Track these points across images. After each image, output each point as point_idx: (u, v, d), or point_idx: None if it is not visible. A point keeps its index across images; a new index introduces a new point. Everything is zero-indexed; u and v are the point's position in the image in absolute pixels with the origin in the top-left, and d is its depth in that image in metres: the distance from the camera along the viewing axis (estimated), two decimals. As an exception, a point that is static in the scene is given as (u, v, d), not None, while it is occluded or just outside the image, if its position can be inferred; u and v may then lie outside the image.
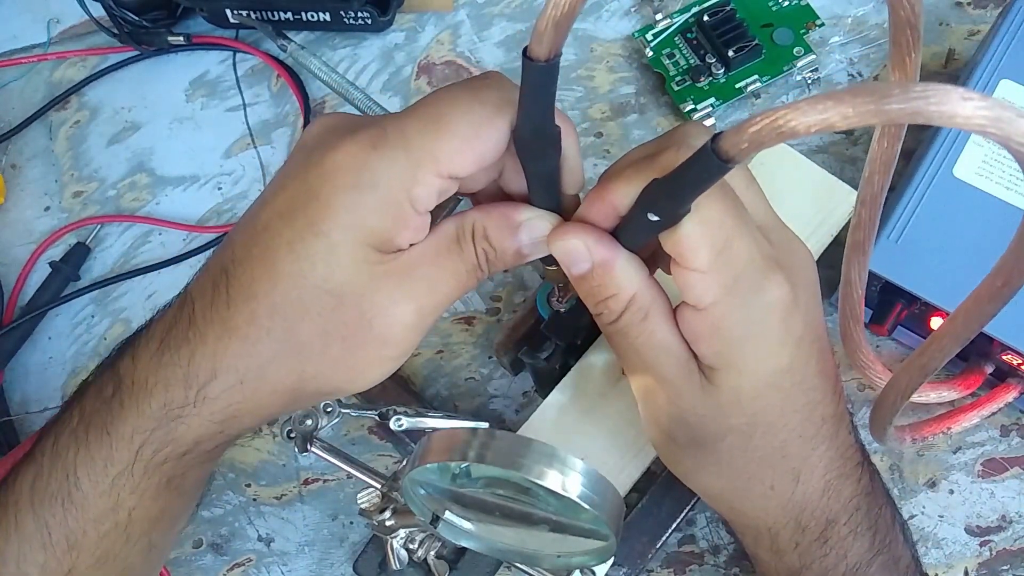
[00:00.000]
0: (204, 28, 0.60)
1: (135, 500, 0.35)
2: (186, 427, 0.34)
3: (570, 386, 0.43)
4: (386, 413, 0.38)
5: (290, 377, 0.33)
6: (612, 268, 0.32)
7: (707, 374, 0.33)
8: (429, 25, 0.60)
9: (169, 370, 0.33)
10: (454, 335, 0.53)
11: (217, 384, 0.33)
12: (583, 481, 0.29)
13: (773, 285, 0.32)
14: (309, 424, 0.38)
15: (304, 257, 0.31)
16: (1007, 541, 0.47)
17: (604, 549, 0.33)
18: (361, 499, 0.38)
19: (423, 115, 0.31)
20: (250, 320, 0.32)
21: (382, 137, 0.31)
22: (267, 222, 0.32)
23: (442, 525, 0.35)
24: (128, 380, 0.34)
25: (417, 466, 0.31)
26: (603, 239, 0.32)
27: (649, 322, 0.32)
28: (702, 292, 0.31)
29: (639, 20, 0.58)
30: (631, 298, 0.32)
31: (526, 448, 0.29)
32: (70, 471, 0.34)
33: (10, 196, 0.58)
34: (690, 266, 0.31)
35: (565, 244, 0.32)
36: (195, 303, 0.33)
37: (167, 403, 0.33)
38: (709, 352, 0.32)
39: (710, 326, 0.32)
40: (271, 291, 0.31)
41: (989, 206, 0.44)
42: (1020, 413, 0.49)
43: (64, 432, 0.35)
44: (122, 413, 0.34)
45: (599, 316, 0.33)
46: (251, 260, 0.32)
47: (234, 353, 0.32)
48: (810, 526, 0.36)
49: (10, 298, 0.55)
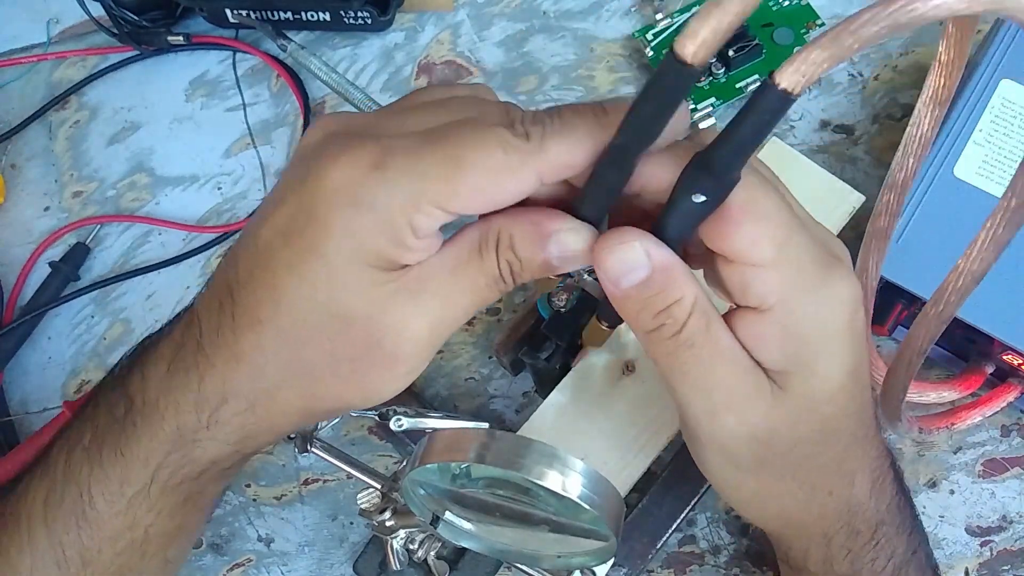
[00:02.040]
0: (204, 28, 0.60)
1: (152, 518, 0.34)
2: (202, 450, 0.33)
3: (570, 386, 0.43)
4: (386, 413, 0.38)
5: (300, 399, 0.32)
6: (673, 269, 0.28)
7: (778, 380, 0.30)
8: (429, 25, 0.60)
9: (180, 393, 0.32)
10: (454, 335, 0.53)
11: (228, 408, 0.32)
12: (583, 481, 0.29)
13: (839, 279, 0.29)
14: (309, 425, 0.38)
15: (306, 280, 0.29)
16: (1008, 541, 0.47)
17: (604, 549, 0.33)
18: (361, 499, 0.38)
19: (440, 145, 0.28)
20: (256, 347, 0.30)
21: (386, 158, 0.28)
22: (268, 241, 0.30)
23: (442, 525, 0.35)
24: (139, 400, 0.33)
25: (417, 466, 0.31)
26: (658, 241, 0.28)
27: (713, 330, 0.29)
28: (766, 290, 0.28)
29: (639, 20, 0.58)
30: (694, 302, 0.29)
31: (526, 448, 0.29)
32: (84, 490, 0.34)
33: (10, 196, 0.58)
34: (751, 261, 0.28)
35: (623, 253, 0.28)
36: (202, 325, 0.32)
37: (180, 427, 0.32)
38: (780, 356, 0.30)
39: (778, 327, 0.29)
40: (275, 315, 0.30)
41: (989, 206, 0.44)
42: (1021, 413, 0.49)
43: (76, 449, 0.34)
44: (135, 434, 0.33)
45: (656, 332, 0.29)
46: (254, 282, 0.30)
47: (242, 379, 0.31)
48: (862, 529, 0.35)
49: (10, 298, 0.55)
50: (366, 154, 0.28)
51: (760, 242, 0.28)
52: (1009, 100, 0.46)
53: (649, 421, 0.43)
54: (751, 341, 0.30)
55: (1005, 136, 0.45)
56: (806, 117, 0.55)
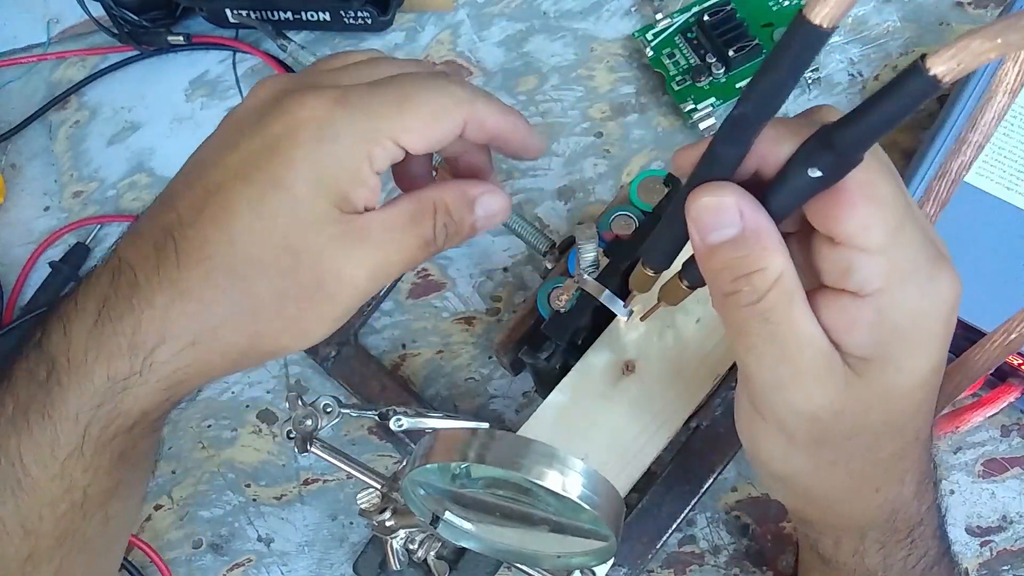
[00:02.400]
0: (204, 28, 0.60)
1: (88, 478, 0.34)
2: (133, 398, 0.33)
3: (570, 386, 0.43)
4: (386, 413, 0.38)
5: (243, 338, 0.33)
6: (767, 236, 0.28)
7: (855, 367, 0.29)
8: (429, 25, 0.60)
9: (111, 341, 0.32)
10: (454, 335, 0.53)
11: (166, 348, 0.32)
12: (583, 481, 0.29)
13: (946, 277, 0.29)
14: (309, 425, 0.38)
15: (266, 215, 0.31)
16: (1008, 541, 0.47)
17: (604, 550, 0.33)
18: (361, 499, 0.38)
19: (389, 90, 0.32)
20: (204, 281, 0.31)
21: (345, 97, 0.31)
22: (220, 182, 0.32)
23: (442, 525, 0.35)
24: (63, 359, 0.33)
25: (417, 467, 0.31)
26: (755, 202, 0.28)
27: (795, 307, 0.28)
28: (870, 275, 0.27)
29: (639, 20, 0.58)
30: (779, 275, 0.28)
31: (526, 448, 0.29)
32: (15, 460, 0.34)
33: (10, 196, 0.58)
34: (861, 245, 0.27)
35: (714, 201, 0.28)
36: (136, 270, 0.32)
37: (111, 376, 0.32)
38: (867, 343, 0.29)
39: (874, 314, 0.28)
40: (228, 251, 0.31)
41: (990, 206, 0.44)
42: (1021, 413, 0.49)
43: (0, 421, 0.34)
44: (62, 394, 0.33)
45: (732, 296, 0.29)
46: (202, 221, 0.31)
47: (187, 315, 0.32)
48: (900, 528, 0.34)
49: (10, 298, 0.55)
50: (329, 94, 0.31)
51: (873, 227, 0.27)
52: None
53: (649, 421, 0.43)
54: (839, 324, 0.29)
55: (1005, 136, 0.45)
56: (806, 117, 0.55)
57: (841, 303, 0.28)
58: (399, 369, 0.52)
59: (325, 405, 0.39)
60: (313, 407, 0.39)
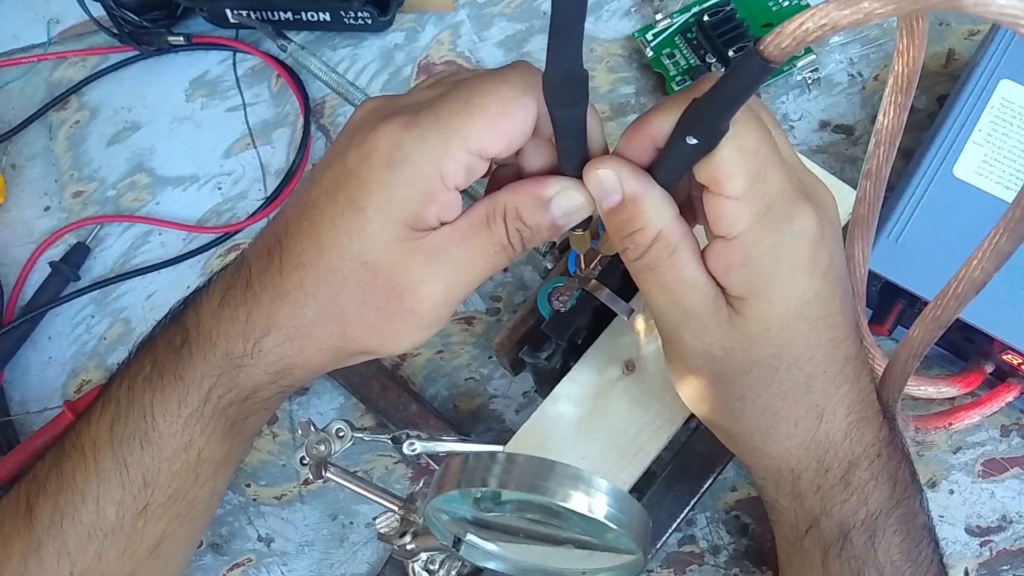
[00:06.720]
0: (204, 28, 0.60)
1: (204, 440, 0.38)
2: (246, 375, 0.37)
3: (570, 386, 0.43)
4: (399, 437, 0.38)
5: (332, 338, 0.36)
6: (642, 200, 0.32)
7: (735, 305, 0.33)
8: (429, 25, 0.60)
9: (230, 324, 0.37)
10: (454, 335, 0.53)
11: (270, 339, 0.36)
12: (608, 501, 0.29)
13: (803, 215, 0.32)
14: (323, 450, 0.39)
15: (343, 231, 0.34)
16: (1007, 541, 0.47)
17: (632, 564, 0.32)
18: (379, 523, 0.38)
19: (454, 96, 0.33)
20: (299, 286, 0.35)
21: (415, 117, 0.33)
22: (315, 199, 0.35)
23: (464, 547, 0.34)
24: (194, 331, 0.37)
25: (439, 494, 0.30)
26: (636, 172, 0.33)
27: (676, 258, 0.33)
28: (735, 220, 0.31)
29: (639, 20, 0.58)
30: (658, 233, 0.33)
31: (549, 471, 0.29)
32: (147, 412, 0.37)
33: (10, 196, 0.58)
34: (725, 192, 0.31)
35: (597, 175, 0.33)
36: (251, 268, 0.37)
37: (229, 352, 0.37)
38: (739, 282, 0.33)
39: (741, 255, 0.32)
40: (316, 261, 0.35)
41: (989, 206, 0.44)
42: (1020, 413, 0.49)
43: (138, 378, 0.38)
44: (191, 360, 0.37)
45: (625, 252, 0.34)
46: (301, 233, 0.35)
47: (284, 314, 0.36)
48: (832, 468, 0.36)
49: (10, 298, 0.55)
50: (399, 119, 0.33)
51: (735, 175, 0.31)
52: (1008, 100, 0.46)
53: (649, 421, 0.43)
54: (718, 268, 0.33)
55: (1004, 136, 0.45)
56: (806, 117, 0.55)
57: (718, 248, 0.33)
58: (399, 369, 0.52)
59: (338, 430, 0.39)
60: (326, 432, 0.39)
